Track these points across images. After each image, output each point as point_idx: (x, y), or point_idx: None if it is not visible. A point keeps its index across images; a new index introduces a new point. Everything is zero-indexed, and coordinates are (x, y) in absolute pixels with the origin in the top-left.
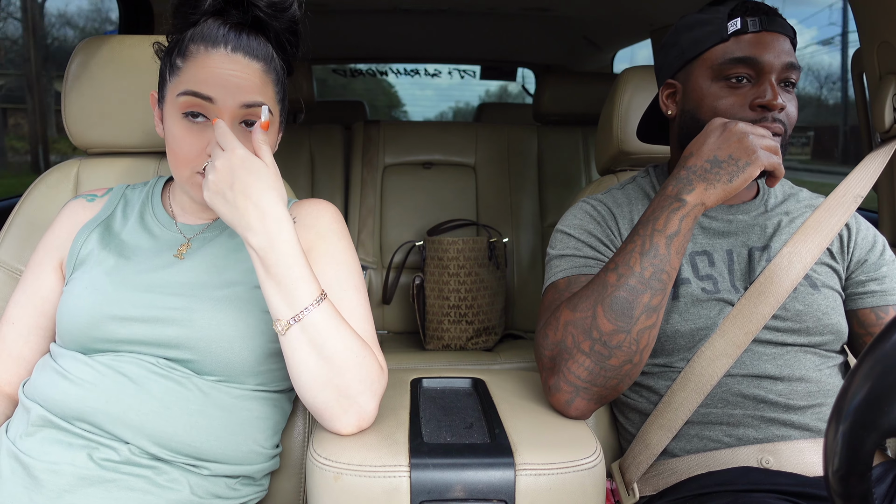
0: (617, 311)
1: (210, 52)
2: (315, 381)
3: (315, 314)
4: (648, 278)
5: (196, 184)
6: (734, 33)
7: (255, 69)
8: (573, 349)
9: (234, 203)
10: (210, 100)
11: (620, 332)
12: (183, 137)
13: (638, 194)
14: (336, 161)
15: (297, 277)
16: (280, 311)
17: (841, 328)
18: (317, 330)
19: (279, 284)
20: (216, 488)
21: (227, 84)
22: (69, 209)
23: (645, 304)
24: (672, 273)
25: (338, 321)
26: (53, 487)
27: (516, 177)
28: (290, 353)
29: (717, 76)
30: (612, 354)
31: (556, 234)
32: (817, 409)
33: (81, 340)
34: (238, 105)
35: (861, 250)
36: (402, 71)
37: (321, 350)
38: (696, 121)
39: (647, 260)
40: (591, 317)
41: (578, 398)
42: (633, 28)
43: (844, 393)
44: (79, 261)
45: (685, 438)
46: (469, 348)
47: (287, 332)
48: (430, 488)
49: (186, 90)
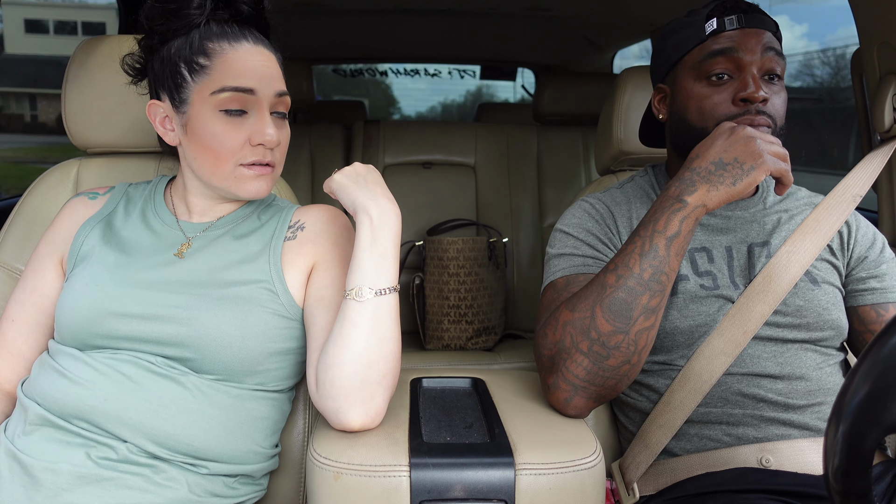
0: (615, 311)
1: (236, 46)
2: (365, 357)
3: (392, 297)
4: (647, 280)
5: (240, 177)
6: (711, 33)
7: (275, 59)
8: (572, 349)
9: (365, 184)
10: (252, 92)
11: (619, 332)
12: (225, 132)
13: (637, 193)
14: (336, 161)
15: (393, 257)
16: (370, 279)
17: (841, 324)
18: (387, 311)
19: (382, 256)
20: (214, 487)
21: (263, 75)
22: (70, 206)
23: (643, 305)
24: (671, 275)
25: (398, 315)
26: (52, 486)
27: (516, 177)
28: (358, 322)
29: (700, 76)
30: (611, 355)
31: (555, 233)
32: (817, 409)
33: (80, 336)
34: (273, 94)
35: (861, 247)
36: (402, 71)
37: (385, 330)
38: (685, 122)
39: (647, 261)
40: (590, 317)
41: (577, 397)
42: (633, 28)
43: (846, 388)
44: (80, 257)
45: (685, 438)
46: (469, 348)
47: (369, 300)
48: (430, 488)
49: (225, 86)
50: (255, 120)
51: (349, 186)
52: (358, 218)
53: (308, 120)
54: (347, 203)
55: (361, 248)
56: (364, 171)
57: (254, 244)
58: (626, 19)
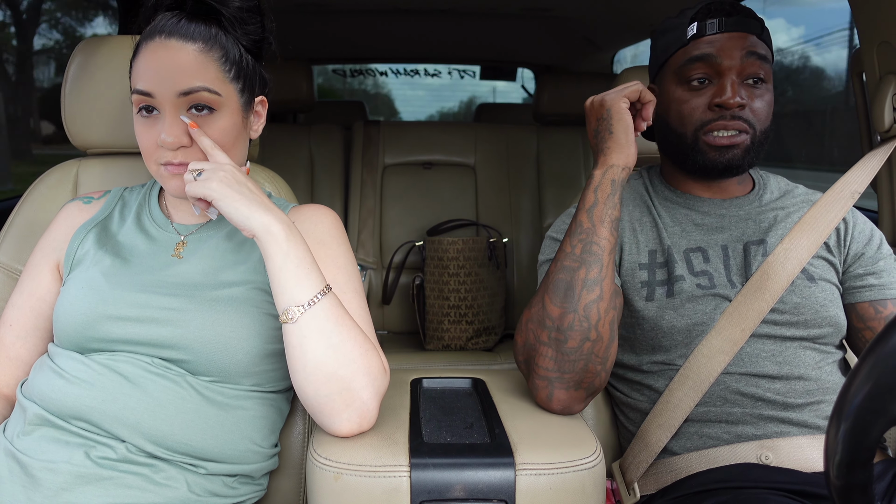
0: (559, 293)
1: (149, 44)
2: (320, 372)
3: (327, 300)
4: (580, 254)
5: (163, 176)
6: (692, 37)
7: (191, 50)
8: (536, 344)
9: (251, 194)
10: (149, 95)
11: (568, 312)
12: (141, 133)
13: (632, 196)
14: (336, 161)
15: (311, 262)
16: (295, 296)
17: (839, 321)
18: (327, 316)
19: (298, 267)
20: (214, 486)
21: (162, 74)
22: (66, 211)
23: (583, 279)
24: (604, 244)
25: (344, 311)
26: (51, 486)
27: (516, 177)
28: (299, 343)
29: (680, 80)
30: (568, 337)
31: (546, 239)
32: (816, 407)
33: (78, 340)
34: (175, 94)
35: (858, 244)
36: (402, 71)
37: (329, 338)
38: (667, 126)
39: (575, 238)
40: (541, 306)
41: (555, 390)
42: (633, 28)
43: (849, 384)
44: (75, 261)
45: (684, 436)
46: (469, 348)
47: (300, 318)
48: (430, 488)
49: (134, 89)
50: (161, 120)
51: (235, 199)
52: (261, 239)
53: (308, 120)
54: (238, 220)
55: (276, 268)
56: (242, 176)
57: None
58: (626, 19)
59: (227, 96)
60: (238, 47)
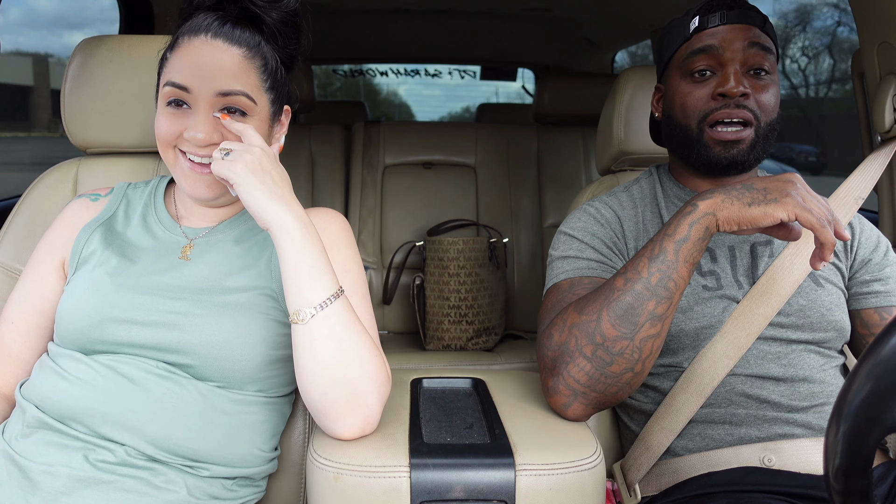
0: (621, 316)
1: (192, 40)
2: (329, 375)
3: (339, 303)
4: (655, 285)
5: (182, 171)
6: (695, 31)
7: (235, 54)
8: (575, 352)
9: (273, 185)
10: (186, 89)
11: (623, 338)
12: (162, 123)
13: (644, 196)
14: (336, 161)
15: (326, 263)
16: (307, 297)
17: (844, 325)
18: (338, 320)
19: (312, 267)
20: (213, 489)
21: (203, 71)
22: (71, 208)
23: (650, 311)
24: (679, 283)
25: (354, 315)
26: (49, 489)
27: (516, 177)
28: (308, 345)
29: (685, 73)
30: (614, 361)
31: (558, 235)
32: (819, 409)
33: (81, 341)
34: (213, 93)
35: (865, 250)
36: (403, 71)
37: (340, 342)
38: (673, 120)
39: (655, 265)
40: (596, 321)
41: (576, 402)
42: (633, 28)
43: (847, 388)
44: (81, 260)
45: (687, 437)
46: (469, 348)
47: (311, 320)
48: (430, 488)
49: (168, 81)
50: (192, 116)
51: (255, 188)
52: (275, 233)
53: (308, 120)
54: (254, 209)
55: (289, 266)
56: (269, 163)
57: (254, 249)
58: (626, 19)
59: (260, 105)
60: (276, 59)
